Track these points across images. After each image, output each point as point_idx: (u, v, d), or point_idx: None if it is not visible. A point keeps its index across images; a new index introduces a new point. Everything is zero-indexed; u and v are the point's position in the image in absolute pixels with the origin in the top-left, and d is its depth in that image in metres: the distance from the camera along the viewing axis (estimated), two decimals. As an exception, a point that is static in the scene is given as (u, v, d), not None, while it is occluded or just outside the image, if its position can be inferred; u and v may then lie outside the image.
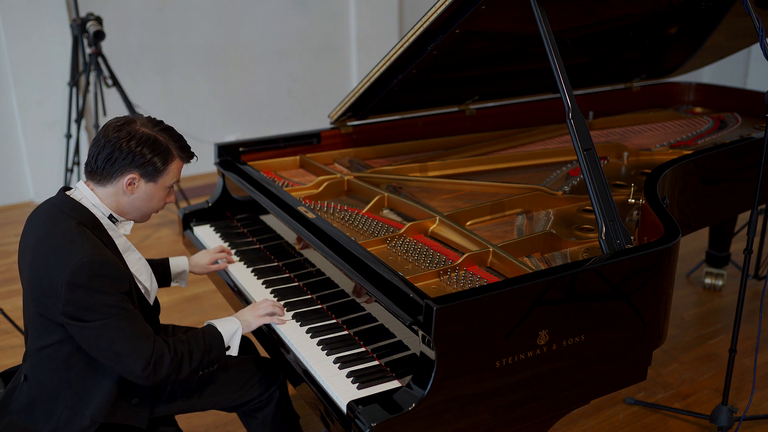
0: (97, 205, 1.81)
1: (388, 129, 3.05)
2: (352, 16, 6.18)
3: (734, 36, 3.34)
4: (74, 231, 1.71)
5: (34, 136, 5.15)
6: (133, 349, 1.69)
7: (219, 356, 1.87)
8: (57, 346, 1.77)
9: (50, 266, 1.68)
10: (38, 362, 1.81)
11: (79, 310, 1.66)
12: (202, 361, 1.82)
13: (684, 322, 3.51)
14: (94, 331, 1.67)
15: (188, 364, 1.79)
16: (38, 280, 1.72)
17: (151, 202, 1.85)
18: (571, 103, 1.97)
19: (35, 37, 4.97)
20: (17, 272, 4.13)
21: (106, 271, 1.68)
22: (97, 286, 1.65)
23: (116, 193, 1.80)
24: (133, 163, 1.76)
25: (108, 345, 1.68)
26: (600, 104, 3.55)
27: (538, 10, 2.02)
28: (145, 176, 1.79)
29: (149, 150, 1.77)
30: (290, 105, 6.14)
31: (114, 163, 1.76)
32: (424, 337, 1.59)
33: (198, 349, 1.81)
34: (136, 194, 1.81)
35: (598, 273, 1.75)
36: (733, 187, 2.81)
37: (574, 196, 2.46)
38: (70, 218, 1.75)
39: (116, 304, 1.68)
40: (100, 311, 1.66)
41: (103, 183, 1.79)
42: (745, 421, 2.73)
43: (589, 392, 1.86)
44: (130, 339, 1.69)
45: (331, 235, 2.02)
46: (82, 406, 1.80)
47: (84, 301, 1.65)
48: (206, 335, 1.86)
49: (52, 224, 1.74)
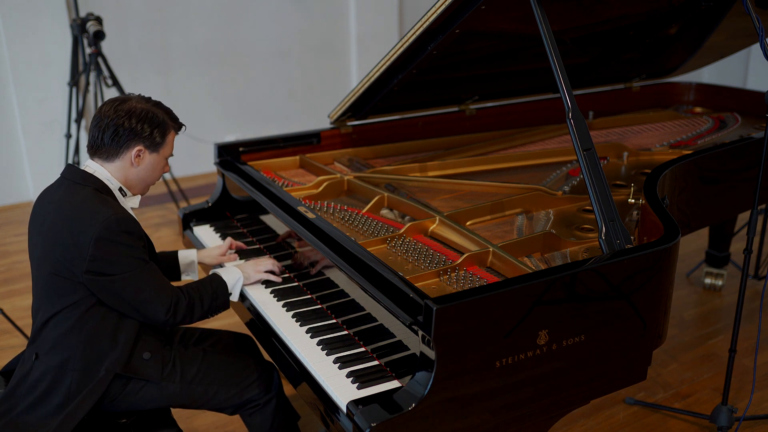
0: (108, 179, 1.94)
1: (388, 129, 3.05)
2: (352, 16, 6.18)
3: (734, 36, 3.34)
4: (94, 195, 1.87)
5: (34, 135, 5.16)
6: (157, 296, 1.87)
7: (224, 302, 2.07)
8: (72, 307, 1.87)
9: (74, 227, 1.81)
10: (49, 332, 1.89)
11: (105, 264, 1.80)
12: (212, 305, 2.02)
13: (684, 322, 3.51)
14: (121, 282, 1.82)
15: (200, 308, 1.98)
16: (60, 242, 1.83)
17: (155, 173, 2.00)
18: (571, 103, 1.97)
19: (35, 37, 4.97)
20: (17, 272, 4.18)
21: (130, 228, 1.84)
22: (124, 240, 1.82)
23: (124, 166, 1.94)
24: (137, 137, 1.91)
25: (134, 294, 1.84)
26: (600, 104, 3.55)
27: (538, 10, 2.02)
28: (149, 147, 1.94)
29: (149, 124, 1.92)
30: (290, 105, 6.14)
31: (120, 139, 1.90)
32: (424, 337, 1.59)
33: (207, 294, 2.01)
34: (141, 165, 1.95)
35: (598, 273, 1.75)
36: (732, 187, 2.81)
37: (574, 196, 2.46)
38: (86, 186, 1.89)
39: (140, 256, 1.86)
40: (127, 263, 1.82)
41: (111, 158, 1.93)
42: (745, 421, 2.73)
43: (589, 392, 1.86)
44: (153, 287, 1.87)
45: (331, 235, 2.03)
46: (95, 364, 1.88)
47: (111, 254, 1.80)
48: (213, 282, 2.05)
49: (69, 193, 1.88)
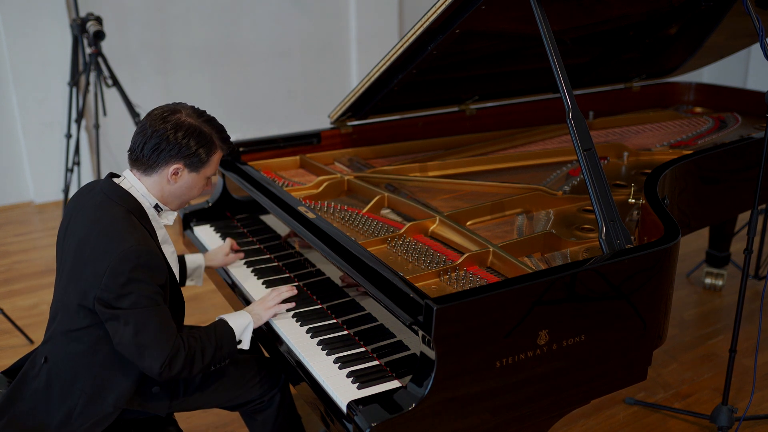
0: (145, 195, 1.84)
1: (388, 129, 3.05)
2: (352, 16, 6.18)
3: (734, 36, 3.34)
4: (123, 219, 1.75)
5: (34, 135, 5.15)
6: (155, 342, 1.70)
7: (230, 351, 1.88)
8: (88, 329, 1.78)
9: (96, 252, 1.71)
10: (63, 344, 1.82)
11: (115, 297, 1.68)
12: (215, 356, 1.83)
13: (684, 322, 3.51)
14: (124, 318, 1.68)
15: (200, 361, 1.79)
16: (82, 264, 1.74)
17: (192, 191, 1.88)
18: (571, 103, 1.97)
19: (35, 37, 4.97)
20: (17, 272, 4.18)
21: (149, 262, 1.70)
22: (138, 275, 1.68)
23: (160, 182, 1.83)
24: (179, 154, 1.79)
25: (133, 335, 1.69)
26: (600, 104, 3.55)
27: (538, 10, 2.02)
28: (189, 166, 1.82)
29: (195, 141, 1.80)
30: (290, 105, 6.13)
31: (160, 154, 1.78)
32: (424, 337, 1.59)
33: (210, 345, 1.82)
34: (178, 183, 1.84)
35: (598, 273, 1.75)
36: (733, 187, 2.81)
37: (574, 196, 2.46)
38: (119, 206, 1.78)
39: (150, 295, 1.70)
40: (135, 301, 1.68)
41: (149, 172, 1.82)
42: (745, 421, 2.73)
43: (589, 392, 1.86)
44: (155, 332, 1.70)
45: (331, 235, 2.02)
46: (103, 393, 1.82)
47: (122, 288, 1.67)
48: (218, 331, 1.87)
49: (101, 209, 1.78)
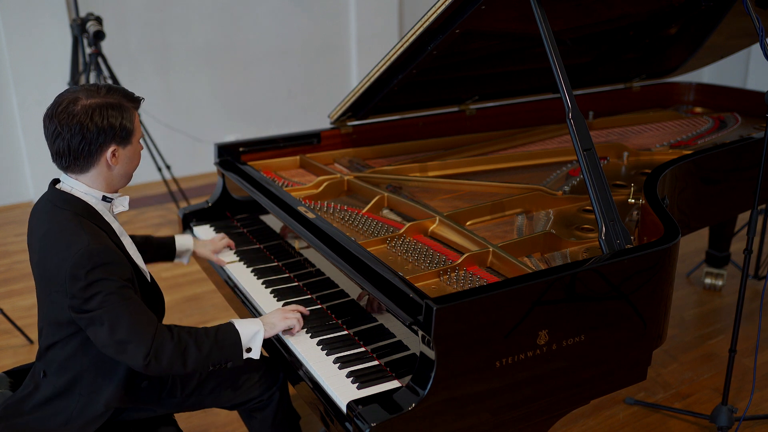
0: (88, 192, 1.79)
1: (388, 129, 3.05)
2: (352, 16, 6.18)
3: (734, 36, 3.34)
4: (71, 223, 1.72)
5: (34, 136, 5.15)
6: (133, 336, 1.67)
7: (233, 354, 1.81)
8: (71, 337, 1.78)
9: (53, 261, 1.70)
10: (53, 357, 1.83)
11: (82, 301, 1.67)
12: (212, 353, 1.77)
13: (684, 322, 3.51)
14: (98, 319, 1.67)
15: (195, 355, 1.74)
16: (46, 276, 1.75)
17: (134, 161, 1.83)
18: (571, 103, 1.97)
19: (35, 37, 4.97)
20: (17, 272, 4.18)
21: (105, 259, 1.67)
22: (97, 274, 1.65)
23: (101, 172, 1.78)
24: (107, 136, 1.73)
25: (109, 334, 1.67)
26: (600, 104, 3.55)
27: (538, 10, 2.02)
28: (121, 142, 1.76)
29: (113, 117, 1.73)
30: (290, 105, 6.13)
31: (90, 145, 1.72)
32: (424, 337, 1.59)
33: (207, 341, 1.77)
34: (120, 162, 1.78)
35: (598, 273, 1.75)
36: (733, 187, 2.81)
37: (574, 196, 2.46)
38: (66, 211, 1.75)
39: (116, 290, 1.67)
40: (101, 299, 1.66)
41: (85, 169, 1.77)
42: (745, 421, 2.73)
43: (589, 392, 1.86)
44: (130, 325, 1.67)
45: (331, 235, 2.02)
46: (96, 394, 1.83)
47: (85, 290, 1.65)
48: (221, 330, 1.82)
49: (50, 220, 1.76)
